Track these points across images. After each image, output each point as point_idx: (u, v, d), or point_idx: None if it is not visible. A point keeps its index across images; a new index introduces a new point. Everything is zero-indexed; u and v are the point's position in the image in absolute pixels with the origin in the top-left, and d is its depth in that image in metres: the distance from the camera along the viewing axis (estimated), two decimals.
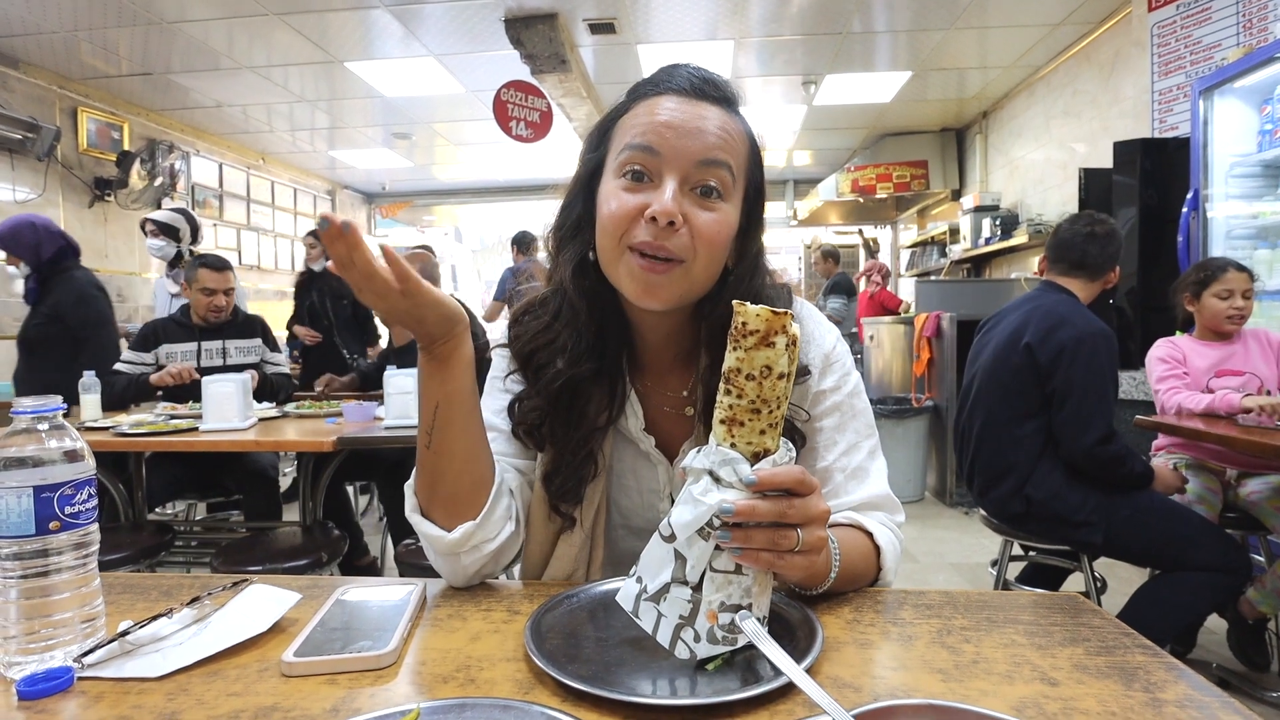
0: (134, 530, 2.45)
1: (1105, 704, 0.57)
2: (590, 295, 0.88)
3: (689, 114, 0.81)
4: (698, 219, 0.80)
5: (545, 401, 0.88)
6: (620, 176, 0.82)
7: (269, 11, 4.45)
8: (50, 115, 5.29)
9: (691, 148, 0.79)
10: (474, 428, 0.83)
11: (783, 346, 0.62)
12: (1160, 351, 2.59)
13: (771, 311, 0.62)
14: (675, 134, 0.79)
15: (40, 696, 0.60)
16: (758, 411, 0.63)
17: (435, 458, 0.81)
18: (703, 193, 0.81)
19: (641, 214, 0.79)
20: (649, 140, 0.80)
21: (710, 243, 0.81)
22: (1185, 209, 3.25)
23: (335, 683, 0.62)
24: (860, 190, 7.63)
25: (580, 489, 0.89)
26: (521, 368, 0.93)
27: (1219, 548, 2.05)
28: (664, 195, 0.78)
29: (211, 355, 3.10)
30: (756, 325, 0.61)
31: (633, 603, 0.67)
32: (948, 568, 3.56)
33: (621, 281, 0.83)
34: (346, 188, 9.58)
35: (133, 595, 0.83)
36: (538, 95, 5.29)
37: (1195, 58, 3.85)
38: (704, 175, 0.80)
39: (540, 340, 0.90)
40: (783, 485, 0.63)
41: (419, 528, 0.83)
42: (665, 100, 0.82)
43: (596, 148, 0.88)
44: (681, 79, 0.84)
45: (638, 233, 0.80)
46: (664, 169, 0.80)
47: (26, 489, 0.63)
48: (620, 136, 0.84)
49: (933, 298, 5.10)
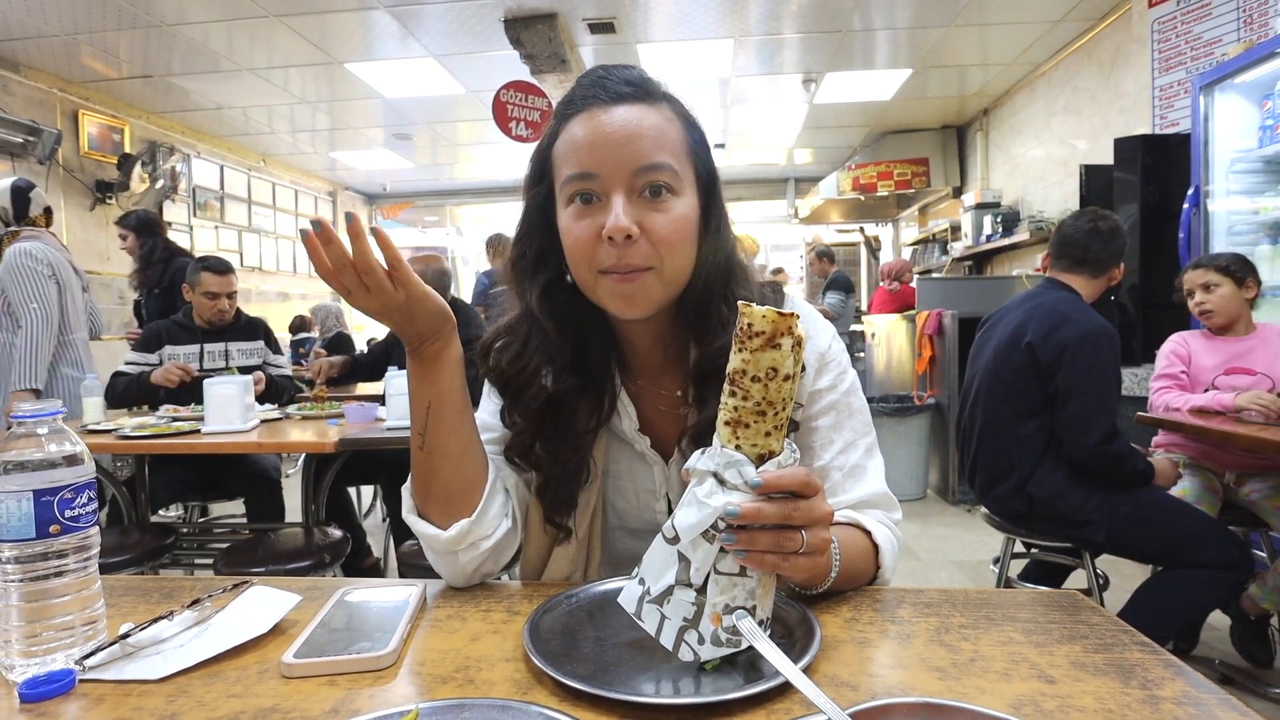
0: (137, 532, 2.46)
1: (1103, 701, 0.58)
2: (560, 317, 0.88)
3: (614, 125, 0.79)
4: (653, 223, 0.79)
5: (530, 423, 0.88)
6: (571, 204, 0.82)
7: (269, 13, 4.46)
8: (51, 118, 5.30)
9: (625, 158, 0.79)
10: (465, 426, 0.84)
11: (788, 348, 0.61)
12: (1166, 348, 2.59)
13: (777, 313, 0.61)
14: (607, 151, 0.79)
15: (42, 699, 0.60)
16: (763, 413, 0.63)
17: (429, 457, 0.82)
18: (652, 193, 0.80)
19: (599, 239, 0.79)
20: (583, 165, 0.79)
21: (671, 243, 0.80)
22: (1186, 205, 3.25)
23: (335, 684, 0.63)
24: (861, 188, 7.63)
25: (574, 497, 0.89)
26: (500, 394, 0.93)
27: (1221, 544, 2.05)
28: (614, 211, 0.78)
29: (214, 357, 3.10)
30: (762, 326, 0.61)
31: (635, 604, 0.67)
32: (950, 565, 3.56)
33: (604, 302, 0.84)
34: (348, 189, 9.59)
35: (134, 597, 0.84)
36: (538, 95, 5.29)
37: (1196, 53, 3.85)
38: (648, 177, 0.79)
39: (513, 369, 0.90)
40: (788, 488, 0.63)
41: (416, 528, 0.84)
42: (588, 118, 0.81)
43: (540, 179, 0.88)
44: (598, 89, 0.82)
45: (601, 257, 0.80)
46: (607, 187, 0.79)
47: (27, 493, 0.63)
48: (559, 164, 0.83)
49: (934, 295, 5.10)
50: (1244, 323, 2.49)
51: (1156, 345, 3.53)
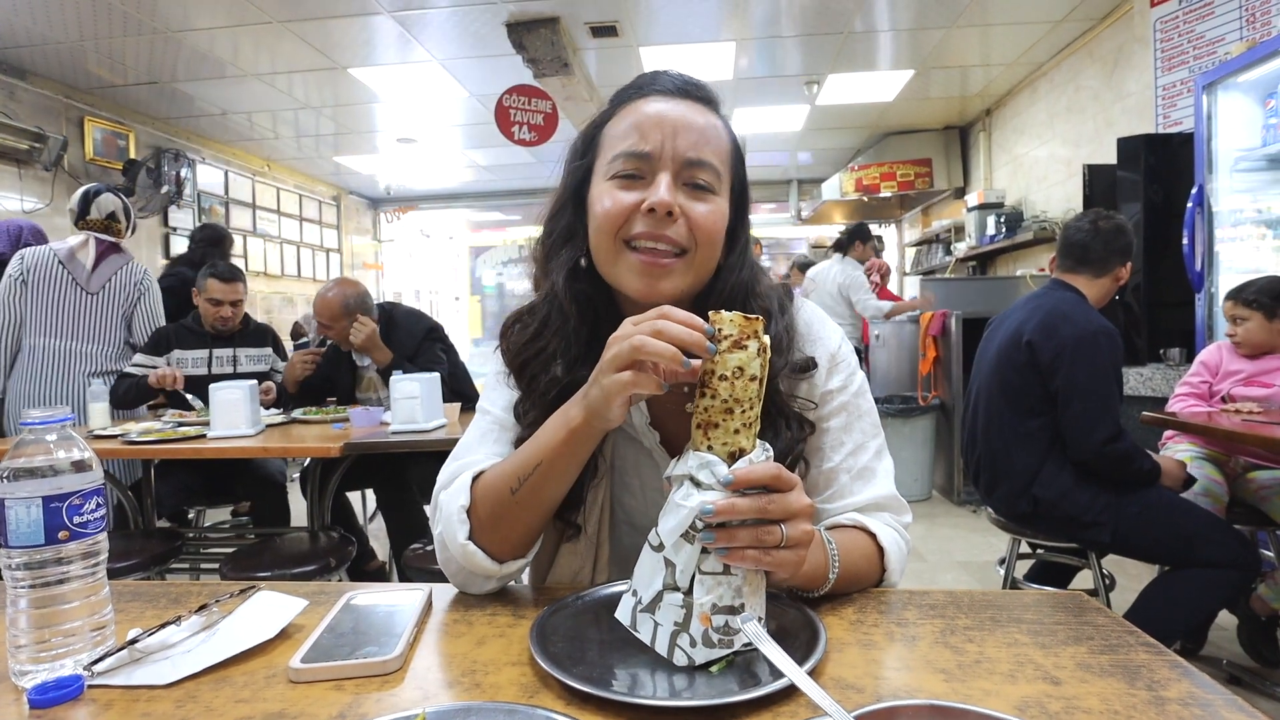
0: (143, 537, 2.47)
1: (1108, 703, 0.58)
2: (583, 301, 0.88)
3: (675, 113, 0.83)
4: (694, 210, 0.82)
5: (543, 414, 0.86)
6: (612, 179, 0.83)
7: (273, 19, 4.48)
8: (57, 125, 5.33)
9: (680, 145, 0.81)
10: (564, 488, 0.82)
11: (754, 350, 0.65)
12: (1200, 355, 2.65)
13: (744, 317, 0.65)
14: (664, 133, 0.82)
15: (51, 705, 0.61)
16: (731, 411, 0.65)
17: (516, 507, 0.80)
18: (694, 187, 0.83)
19: (637, 209, 0.81)
20: (639, 140, 0.82)
21: (708, 232, 0.82)
22: (1190, 204, 3.24)
23: (342, 688, 0.63)
24: (864, 189, 7.62)
25: (582, 493, 0.89)
26: (516, 377, 0.92)
27: (1228, 544, 2.04)
28: (659, 188, 0.80)
29: (222, 362, 3.12)
30: (730, 330, 0.65)
31: (630, 616, 0.69)
32: (955, 566, 3.55)
33: (623, 279, 0.84)
34: (352, 193, 9.61)
35: (141, 603, 0.84)
36: (542, 97, 5.29)
37: (1198, 53, 3.84)
38: (693, 173, 0.82)
39: (530, 351, 0.89)
40: (760, 482, 0.65)
41: (468, 555, 0.81)
42: (651, 102, 0.84)
43: (583, 155, 0.89)
44: (665, 82, 0.86)
45: (635, 226, 0.81)
46: (656, 167, 0.82)
47: (36, 499, 0.63)
48: (608, 142, 0.86)
49: (938, 296, 5.09)
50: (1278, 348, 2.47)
51: (1161, 345, 3.55)
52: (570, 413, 0.77)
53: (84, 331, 3.04)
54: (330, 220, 9.18)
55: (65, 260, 3.03)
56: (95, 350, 3.06)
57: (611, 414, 0.72)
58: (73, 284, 3.03)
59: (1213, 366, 2.56)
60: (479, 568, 0.81)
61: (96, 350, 3.06)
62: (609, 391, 0.70)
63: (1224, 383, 2.51)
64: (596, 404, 0.72)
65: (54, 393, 2.95)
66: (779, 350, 0.85)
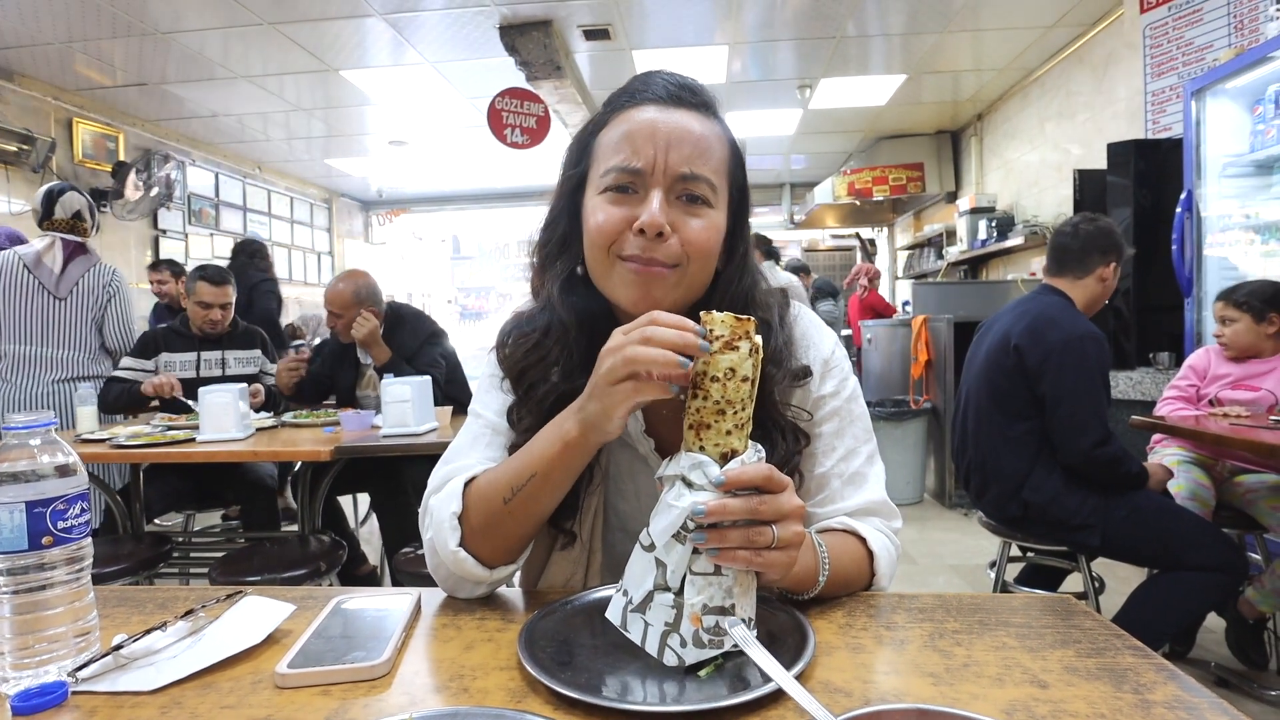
0: (132, 542, 2.45)
1: (1095, 706, 0.58)
2: (579, 310, 0.87)
3: (668, 124, 0.80)
4: (687, 227, 0.80)
5: (538, 421, 0.85)
6: (605, 191, 0.82)
7: (264, 21, 4.47)
8: (45, 127, 5.29)
9: (673, 159, 0.79)
10: (556, 498, 0.81)
11: (746, 351, 0.65)
12: (1188, 359, 2.67)
13: (735, 318, 0.65)
14: (656, 147, 0.79)
15: (35, 711, 0.60)
16: (723, 412, 0.65)
17: (509, 516, 0.80)
18: (688, 200, 0.81)
19: (629, 225, 0.79)
20: (631, 156, 0.80)
21: (701, 249, 0.81)
22: (1179, 209, 3.26)
23: (329, 694, 0.63)
24: (857, 193, 7.65)
25: (578, 501, 0.88)
26: (514, 383, 0.91)
27: (1216, 547, 2.05)
28: (651, 206, 0.78)
29: (210, 365, 3.10)
30: (721, 331, 0.65)
31: (620, 616, 0.69)
32: (946, 569, 3.56)
33: (616, 291, 0.83)
34: (343, 195, 9.59)
35: (127, 608, 0.84)
36: (534, 100, 5.30)
37: (1187, 59, 3.87)
38: (688, 185, 0.80)
39: (531, 358, 0.89)
40: (751, 483, 0.65)
41: (459, 561, 0.80)
42: (643, 111, 0.82)
43: (577, 163, 0.88)
44: (658, 87, 0.83)
45: (626, 245, 0.80)
46: (649, 181, 0.80)
47: (19, 504, 0.63)
48: (601, 152, 0.84)
49: (930, 300, 5.11)
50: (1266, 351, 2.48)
51: (1150, 349, 3.57)
52: (565, 425, 0.76)
53: (55, 338, 3.00)
54: (321, 223, 9.15)
55: (32, 266, 2.98)
56: (68, 356, 3.02)
57: (611, 426, 0.71)
58: (40, 290, 2.97)
59: (1201, 370, 2.58)
60: (469, 574, 0.81)
61: (69, 356, 3.02)
62: (609, 405, 0.69)
63: (1211, 386, 2.53)
64: (595, 418, 0.72)
65: (28, 400, 2.93)
66: (778, 362, 0.85)
